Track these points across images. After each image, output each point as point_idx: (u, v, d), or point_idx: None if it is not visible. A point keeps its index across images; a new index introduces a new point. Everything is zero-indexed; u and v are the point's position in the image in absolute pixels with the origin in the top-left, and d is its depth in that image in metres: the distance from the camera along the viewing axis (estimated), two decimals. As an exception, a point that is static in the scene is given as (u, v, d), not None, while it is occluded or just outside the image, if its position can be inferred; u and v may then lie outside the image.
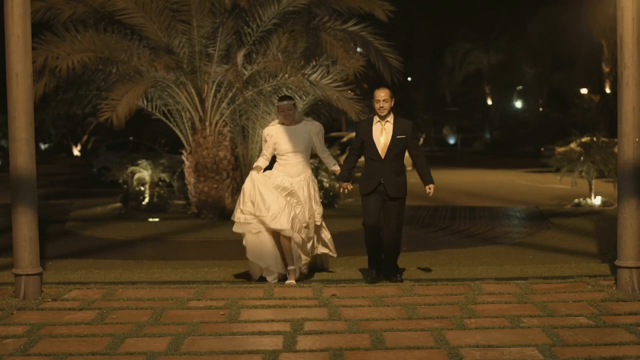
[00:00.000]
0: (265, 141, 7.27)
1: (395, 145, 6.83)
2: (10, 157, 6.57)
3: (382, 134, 6.84)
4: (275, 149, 7.20)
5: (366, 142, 6.89)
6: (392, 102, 6.84)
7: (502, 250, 9.32)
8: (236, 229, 7.17)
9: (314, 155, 7.69)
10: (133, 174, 14.84)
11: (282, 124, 7.21)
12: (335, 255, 7.65)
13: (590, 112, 37.47)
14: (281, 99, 7.27)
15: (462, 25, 43.57)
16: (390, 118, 6.86)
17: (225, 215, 12.71)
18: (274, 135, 7.21)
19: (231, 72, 12.01)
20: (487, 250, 9.35)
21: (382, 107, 6.77)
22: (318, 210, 7.30)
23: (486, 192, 18.24)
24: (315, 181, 7.40)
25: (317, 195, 7.36)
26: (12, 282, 6.74)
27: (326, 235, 7.51)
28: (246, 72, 12.47)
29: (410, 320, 5.57)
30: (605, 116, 36.47)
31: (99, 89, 13.01)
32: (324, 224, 7.48)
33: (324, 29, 12.94)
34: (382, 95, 6.78)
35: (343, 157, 18.12)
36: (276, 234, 7.02)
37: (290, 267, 7.07)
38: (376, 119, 6.90)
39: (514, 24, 41.71)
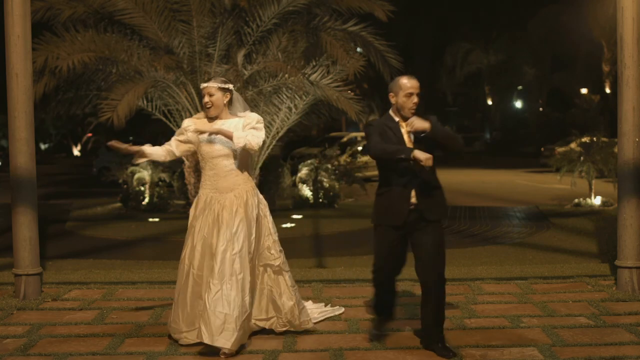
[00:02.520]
0: (181, 134, 5.25)
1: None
2: (10, 157, 6.58)
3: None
4: (198, 152, 5.20)
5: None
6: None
7: (502, 250, 9.32)
8: None
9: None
10: (133, 174, 14.84)
11: (207, 117, 5.19)
12: (309, 326, 5.36)
13: (590, 112, 37.46)
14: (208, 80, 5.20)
15: (462, 25, 43.54)
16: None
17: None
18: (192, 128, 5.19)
19: (231, 72, 12.00)
20: (487, 250, 9.35)
21: (416, 102, 4.80)
22: (273, 246, 5.21)
23: (486, 192, 18.23)
24: (263, 201, 5.25)
25: (267, 221, 5.19)
26: (12, 282, 6.75)
27: (287, 297, 5.23)
28: (246, 72, 12.46)
29: (410, 320, 5.57)
30: (605, 116, 36.46)
31: (99, 89, 13.00)
32: (287, 274, 5.31)
33: (324, 29, 12.93)
34: (415, 85, 4.82)
35: (344, 157, 18.23)
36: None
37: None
38: (395, 117, 4.86)
39: (514, 24, 41.68)
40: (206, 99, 5.04)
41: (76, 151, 50.17)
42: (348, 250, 9.38)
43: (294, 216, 13.20)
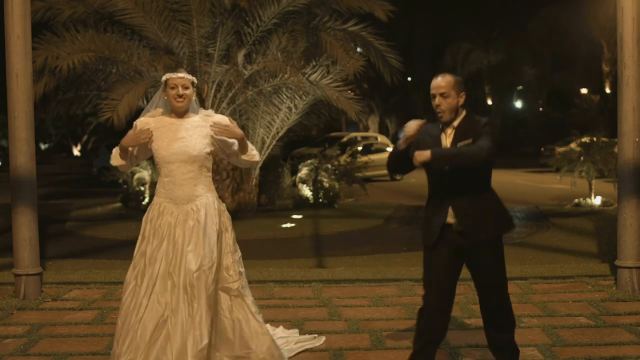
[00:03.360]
0: (135, 133, 4.35)
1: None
2: (10, 157, 6.58)
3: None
4: (154, 155, 4.38)
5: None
6: (457, 98, 4.09)
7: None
8: None
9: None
10: (133, 174, 14.84)
11: (172, 113, 4.38)
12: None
13: (590, 112, 37.47)
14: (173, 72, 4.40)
15: (462, 25, 43.55)
16: (457, 120, 4.10)
17: (225, 215, 12.71)
18: (152, 130, 4.34)
19: (231, 72, 12.00)
20: (487, 250, 9.32)
21: (438, 105, 4.08)
22: (232, 266, 4.36)
23: (486, 192, 18.19)
24: (226, 213, 4.48)
25: (228, 236, 4.41)
26: (12, 282, 6.75)
27: (251, 321, 4.38)
28: (246, 72, 12.46)
29: (410, 320, 5.57)
30: (605, 116, 36.47)
31: (99, 89, 13.01)
32: (248, 299, 4.41)
33: (324, 29, 12.93)
34: (440, 84, 4.08)
35: (344, 157, 18.21)
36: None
37: None
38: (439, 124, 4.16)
39: (514, 24, 41.69)
40: (180, 91, 4.28)
41: (76, 151, 50.19)
42: (348, 250, 9.38)
43: (294, 216, 13.20)
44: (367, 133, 33.40)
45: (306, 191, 14.83)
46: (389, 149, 25.02)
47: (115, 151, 4.45)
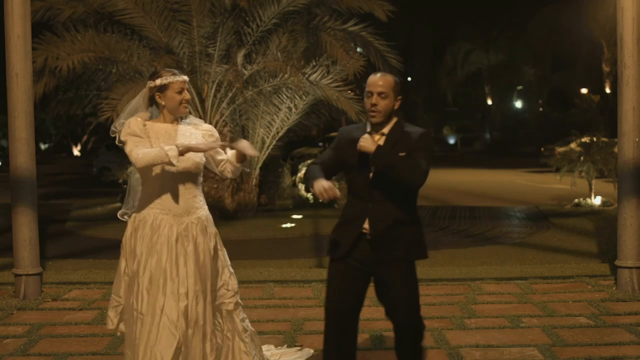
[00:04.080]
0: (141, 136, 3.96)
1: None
2: (10, 157, 6.58)
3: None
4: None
5: (347, 162, 3.82)
6: (394, 101, 3.75)
7: (502, 250, 9.32)
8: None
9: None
10: (133, 174, 14.84)
11: (164, 119, 4.02)
12: None
13: (590, 112, 37.49)
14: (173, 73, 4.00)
15: (462, 25, 43.59)
16: (388, 127, 3.76)
17: (225, 215, 12.71)
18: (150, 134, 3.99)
19: (231, 72, 12.00)
20: (487, 250, 9.34)
21: (374, 105, 3.71)
22: (230, 282, 4.08)
23: (486, 192, 18.23)
24: (215, 228, 4.12)
25: (223, 253, 4.11)
26: (12, 282, 6.75)
27: (243, 344, 4.10)
28: (246, 72, 12.47)
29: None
30: (605, 116, 36.49)
31: (99, 89, 13.01)
32: (242, 316, 4.15)
33: (324, 29, 12.94)
34: (378, 82, 3.74)
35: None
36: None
37: None
38: (368, 126, 3.82)
39: (514, 24, 41.73)
40: (187, 95, 3.99)
41: (76, 151, 50.18)
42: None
43: (294, 216, 13.20)
44: (367, 133, 33.36)
45: (306, 191, 14.83)
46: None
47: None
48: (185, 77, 4.00)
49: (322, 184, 3.57)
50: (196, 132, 4.05)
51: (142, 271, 3.84)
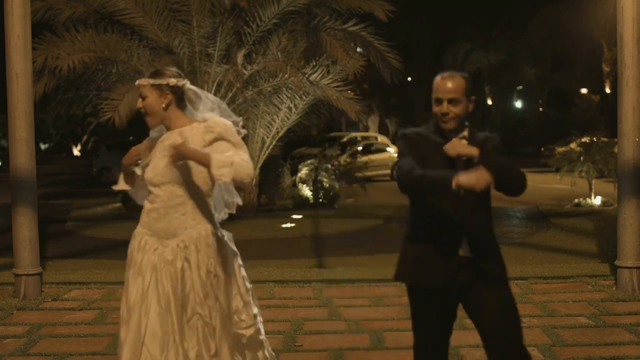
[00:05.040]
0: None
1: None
2: (10, 157, 6.58)
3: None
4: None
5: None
6: (468, 103, 3.24)
7: (502, 250, 9.31)
8: None
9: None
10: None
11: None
12: None
13: (590, 112, 37.49)
14: (154, 73, 3.49)
15: (462, 25, 43.57)
16: (465, 131, 3.25)
17: (225, 215, 12.71)
18: (153, 145, 3.54)
19: (231, 72, 12.00)
20: (487, 250, 9.33)
21: (445, 114, 3.21)
22: (244, 310, 3.54)
23: (486, 192, 18.19)
24: (231, 247, 3.55)
25: (237, 276, 3.53)
26: (12, 282, 6.75)
27: None
28: (246, 72, 12.47)
29: (410, 320, 5.57)
30: (605, 116, 36.49)
31: (99, 89, 13.01)
32: (265, 349, 3.66)
33: (324, 29, 12.94)
34: (448, 86, 3.21)
35: (344, 157, 18.22)
36: None
37: None
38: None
39: (514, 24, 41.71)
40: (139, 103, 3.49)
41: (76, 151, 50.19)
42: (348, 250, 9.37)
43: (294, 216, 13.20)
44: (367, 133, 33.41)
45: (306, 191, 14.84)
46: (389, 149, 25.03)
47: (120, 176, 3.60)
48: (148, 81, 3.40)
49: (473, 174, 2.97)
50: (194, 137, 3.37)
51: (128, 289, 3.43)
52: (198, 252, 3.38)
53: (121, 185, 3.61)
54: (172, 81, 3.41)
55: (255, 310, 3.59)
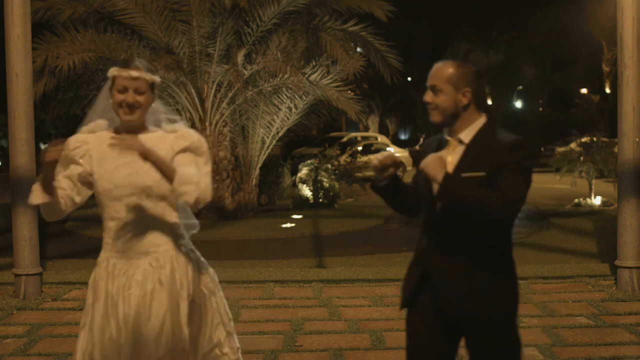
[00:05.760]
0: (72, 163, 2.95)
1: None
2: (10, 157, 6.58)
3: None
4: (95, 190, 2.98)
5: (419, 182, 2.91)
6: (457, 95, 2.74)
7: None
8: None
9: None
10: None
11: (121, 128, 3.00)
12: None
13: (590, 112, 37.51)
14: (125, 61, 3.05)
15: (462, 25, 43.61)
16: (467, 132, 2.77)
17: (225, 215, 12.71)
18: (90, 151, 2.97)
19: (231, 72, 12.01)
20: (487, 250, 9.33)
21: (427, 103, 2.82)
22: (226, 342, 3.12)
23: (486, 192, 18.19)
24: (208, 268, 3.11)
25: (215, 302, 3.09)
26: (12, 282, 6.75)
27: None
28: (246, 72, 12.47)
29: (410, 320, 5.57)
30: (605, 116, 36.50)
31: (99, 89, 12.93)
32: None
33: (324, 29, 12.94)
34: (432, 71, 2.81)
35: (344, 157, 18.21)
36: None
37: None
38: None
39: (514, 24, 41.75)
40: (131, 98, 2.93)
41: (76, 151, 50.17)
42: (348, 250, 9.37)
43: (294, 216, 13.20)
44: (367, 133, 33.42)
45: (306, 191, 14.84)
46: (389, 149, 25.04)
47: (36, 185, 2.86)
48: (135, 72, 2.94)
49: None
50: (163, 142, 2.96)
51: (98, 325, 2.94)
52: (174, 272, 2.93)
53: (38, 196, 2.84)
54: (157, 79, 3.03)
55: (237, 341, 3.16)
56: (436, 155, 2.67)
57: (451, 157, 2.73)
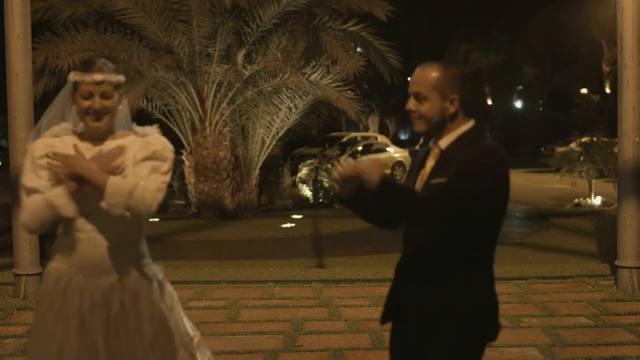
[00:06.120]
0: (36, 168, 2.74)
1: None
2: (10, 157, 6.59)
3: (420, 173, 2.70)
4: None
5: None
6: (443, 102, 2.57)
7: (502, 250, 9.24)
8: None
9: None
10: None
11: (82, 134, 2.83)
12: None
13: (590, 112, 37.49)
14: (86, 64, 2.80)
15: (462, 25, 43.60)
16: (447, 139, 2.61)
17: (225, 215, 12.71)
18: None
19: (231, 72, 12.01)
20: (487, 250, 9.33)
21: (410, 111, 2.65)
22: None
23: (486, 192, 18.17)
24: (167, 287, 2.87)
25: (175, 320, 2.84)
26: (12, 282, 6.75)
27: None
28: (246, 72, 12.47)
29: (410, 320, 5.57)
30: (605, 116, 36.49)
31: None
32: None
33: (324, 29, 12.94)
34: (414, 77, 2.67)
35: (343, 157, 18.22)
36: None
37: None
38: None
39: (514, 24, 41.74)
40: (98, 104, 2.70)
41: (76, 151, 50.22)
42: (348, 250, 9.37)
43: (294, 216, 13.20)
44: (367, 133, 33.42)
45: (306, 191, 14.84)
46: (389, 149, 25.04)
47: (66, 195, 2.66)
48: (100, 77, 2.69)
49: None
50: (128, 149, 2.75)
51: (46, 342, 2.69)
52: (139, 293, 2.70)
53: (70, 209, 2.65)
54: (122, 79, 2.79)
55: (208, 353, 2.97)
56: (373, 158, 2.47)
57: (429, 163, 2.60)
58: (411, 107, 2.58)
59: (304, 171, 14.98)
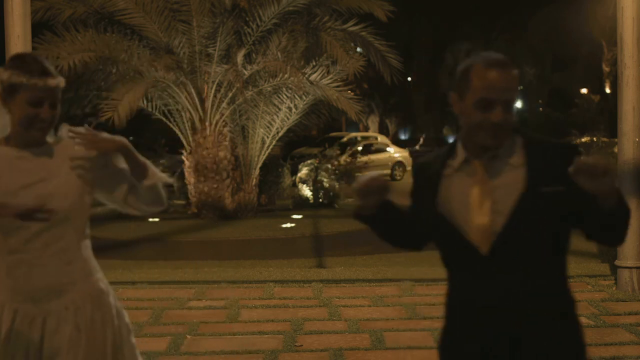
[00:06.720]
0: None
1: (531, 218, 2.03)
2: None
3: (485, 195, 2.04)
4: None
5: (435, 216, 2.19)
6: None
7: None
8: None
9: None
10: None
11: (17, 140, 2.36)
12: None
13: (590, 112, 37.50)
14: (30, 64, 2.29)
15: (462, 25, 43.60)
16: (511, 148, 2.05)
17: (225, 215, 12.71)
18: None
19: (231, 72, 12.01)
20: (487, 250, 9.33)
21: (496, 120, 1.97)
22: None
23: (486, 192, 18.17)
24: (117, 305, 2.49)
25: (129, 345, 2.57)
26: None
27: None
28: (246, 72, 12.47)
29: (410, 320, 5.58)
30: (605, 116, 36.50)
31: (99, 89, 13.01)
32: None
33: (324, 29, 12.94)
34: (505, 80, 1.97)
35: (344, 157, 18.21)
36: None
37: None
38: (461, 154, 2.09)
39: (514, 24, 41.75)
40: (46, 112, 2.31)
41: (76, 151, 50.20)
42: (348, 250, 9.37)
43: (294, 216, 13.20)
44: (367, 133, 33.41)
45: (306, 191, 14.84)
46: (389, 149, 25.03)
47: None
48: (53, 82, 2.31)
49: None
50: (72, 148, 2.41)
51: None
52: (94, 315, 2.39)
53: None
54: (62, 83, 2.38)
55: None
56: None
57: (492, 177, 2.04)
58: (498, 120, 1.98)
59: (304, 171, 14.98)
